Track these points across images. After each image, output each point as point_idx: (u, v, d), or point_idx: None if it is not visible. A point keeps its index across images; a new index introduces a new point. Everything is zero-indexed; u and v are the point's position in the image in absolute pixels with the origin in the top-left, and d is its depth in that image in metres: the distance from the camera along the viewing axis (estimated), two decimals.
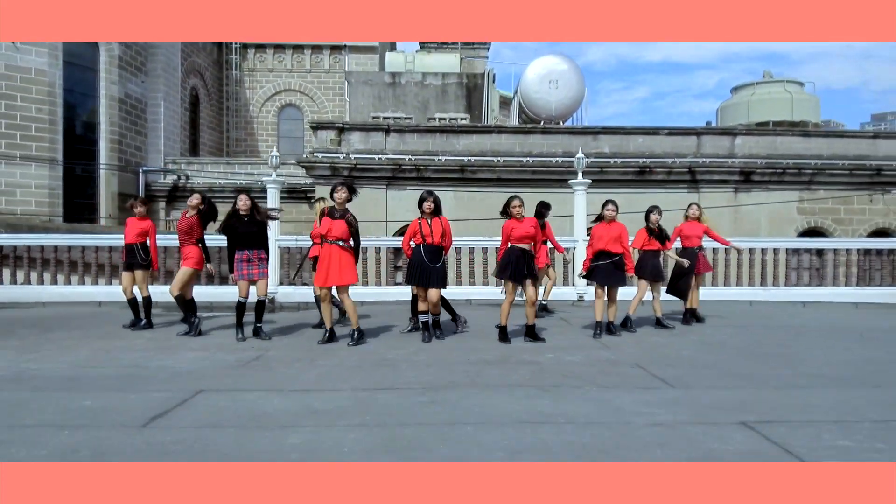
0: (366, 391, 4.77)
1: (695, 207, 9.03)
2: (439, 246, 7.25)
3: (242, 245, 7.29)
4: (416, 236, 7.29)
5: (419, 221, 7.34)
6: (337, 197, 6.85)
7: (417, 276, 7.22)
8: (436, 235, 7.21)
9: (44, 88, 23.70)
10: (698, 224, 8.88)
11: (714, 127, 23.85)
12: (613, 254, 7.53)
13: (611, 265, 7.53)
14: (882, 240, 15.10)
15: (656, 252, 8.37)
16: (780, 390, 4.92)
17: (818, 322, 9.52)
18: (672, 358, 6.29)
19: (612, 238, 7.53)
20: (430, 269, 7.17)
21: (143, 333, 7.90)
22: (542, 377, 5.25)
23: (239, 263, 7.29)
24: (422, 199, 7.38)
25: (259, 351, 6.55)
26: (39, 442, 3.56)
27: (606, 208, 7.76)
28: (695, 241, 8.77)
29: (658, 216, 8.34)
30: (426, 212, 7.30)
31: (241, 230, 7.28)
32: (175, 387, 4.92)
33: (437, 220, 7.31)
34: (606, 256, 7.54)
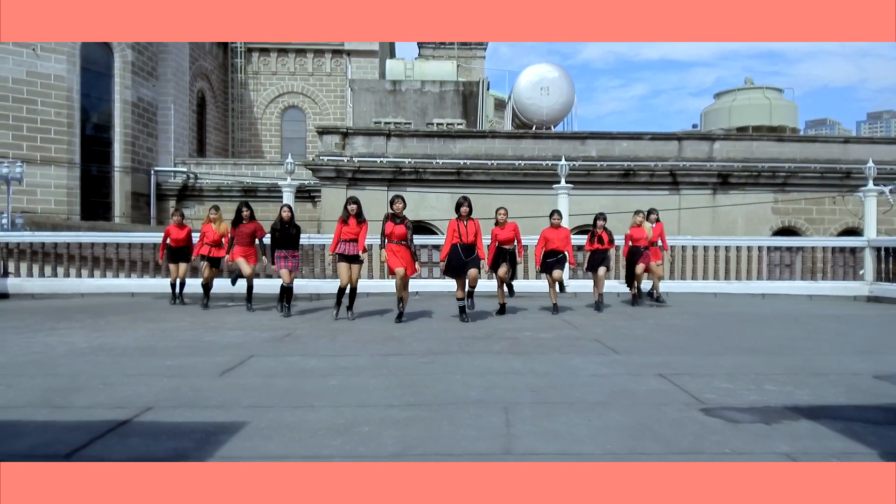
0: (380, 356, 6.18)
1: (640, 216, 10.95)
2: (473, 244, 8.64)
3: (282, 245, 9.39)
4: (455, 236, 8.68)
5: (457, 223, 8.71)
6: (396, 208, 8.54)
7: (458, 270, 8.64)
8: (470, 235, 8.62)
9: (62, 93, 25.07)
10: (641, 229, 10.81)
11: (694, 132, 25.26)
12: (560, 252, 9.64)
13: (560, 259, 9.64)
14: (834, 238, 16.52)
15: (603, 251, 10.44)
16: (702, 357, 6.33)
17: (767, 311, 10.93)
18: (627, 335, 7.71)
19: (559, 239, 9.62)
20: (466, 261, 8.58)
21: (184, 317, 9.30)
22: (518, 347, 6.67)
23: (278, 259, 9.41)
24: (459, 204, 8.80)
25: (288, 330, 7.96)
26: (151, 384, 4.95)
27: (554, 217, 9.83)
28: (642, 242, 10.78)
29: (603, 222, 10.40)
30: (463, 215, 8.69)
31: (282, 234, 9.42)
32: (231, 353, 6.32)
33: (471, 222, 8.71)
34: (557, 254, 9.65)
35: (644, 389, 4.82)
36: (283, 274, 9.42)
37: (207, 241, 10.55)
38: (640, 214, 10.94)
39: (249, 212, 9.82)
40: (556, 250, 9.67)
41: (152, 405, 4.29)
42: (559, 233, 9.74)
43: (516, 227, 9.34)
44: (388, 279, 13.47)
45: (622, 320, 9.17)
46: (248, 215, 9.76)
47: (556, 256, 9.67)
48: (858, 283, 13.80)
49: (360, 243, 8.81)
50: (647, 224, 10.72)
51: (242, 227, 9.70)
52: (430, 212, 20.89)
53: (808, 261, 14.24)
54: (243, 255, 9.72)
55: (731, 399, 4.52)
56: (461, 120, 24.32)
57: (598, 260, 10.32)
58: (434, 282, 13.09)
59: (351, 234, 8.76)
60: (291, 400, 4.45)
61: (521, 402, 4.36)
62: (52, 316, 9.43)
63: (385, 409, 4.22)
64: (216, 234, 10.51)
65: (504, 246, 9.30)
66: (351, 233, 8.76)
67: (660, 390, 4.80)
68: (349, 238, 8.76)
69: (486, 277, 9.56)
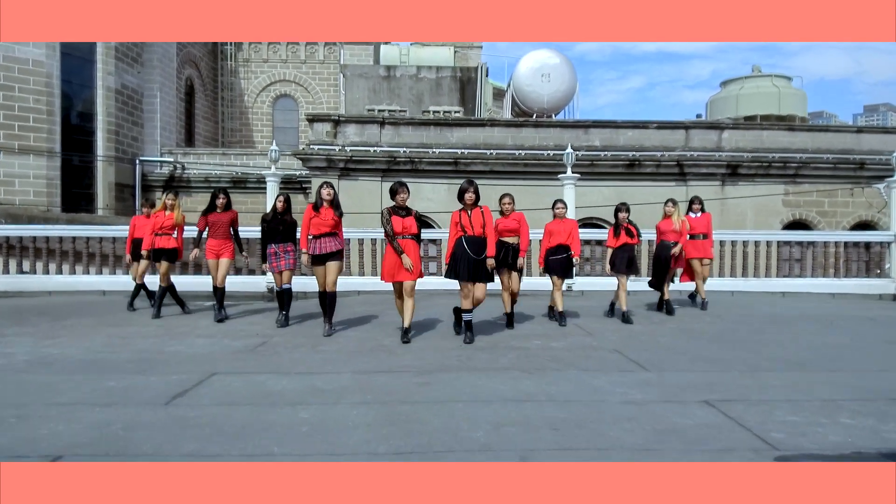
0: (365, 374, 5.22)
1: (670, 206, 9.45)
2: (482, 237, 6.83)
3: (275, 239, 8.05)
4: (457, 229, 6.97)
5: (459, 213, 6.99)
6: (401, 199, 6.93)
7: (463, 269, 6.78)
8: (476, 226, 6.80)
9: (41, 79, 23.92)
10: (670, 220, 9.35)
11: (702, 121, 24.30)
12: (566, 247, 8.19)
13: (564, 259, 8.20)
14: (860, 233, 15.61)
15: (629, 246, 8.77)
16: (744, 373, 5.39)
17: (793, 312, 10.00)
18: (649, 344, 6.76)
19: (566, 233, 8.19)
20: (474, 261, 6.77)
21: (152, 321, 8.31)
22: (527, 361, 5.71)
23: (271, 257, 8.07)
24: (462, 190, 6.99)
25: (263, 338, 6.99)
26: (75, 417, 3.98)
27: (557, 206, 8.42)
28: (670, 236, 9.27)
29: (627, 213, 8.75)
30: (468, 203, 6.91)
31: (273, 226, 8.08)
32: (190, 369, 5.35)
33: (477, 211, 6.89)
34: (562, 250, 8.19)
35: (693, 425, 3.87)
36: (276, 279, 8.08)
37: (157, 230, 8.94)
38: (671, 204, 9.43)
39: (226, 199, 8.47)
40: (561, 246, 8.18)
41: (63, 452, 3.32)
42: (563, 225, 8.29)
43: (522, 219, 7.69)
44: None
45: (639, 324, 8.21)
46: (223, 203, 8.40)
47: (560, 254, 8.18)
48: (884, 281, 12.89)
49: (339, 237, 7.32)
50: (675, 216, 9.43)
51: (216, 217, 8.35)
52: (426, 204, 19.86)
53: (829, 257, 13.30)
54: (218, 249, 8.37)
55: (807, 440, 3.57)
56: (458, 107, 23.27)
57: (626, 258, 8.58)
58: (430, 279, 12.09)
59: (325, 226, 7.16)
60: (246, 443, 3.49)
61: (540, 449, 3.41)
62: (5, 319, 8.44)
63: (366, 458, 3.26)
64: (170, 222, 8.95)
65: (505, 239, 7.60)
66: (325, 224, 7.16)
67: (713, 426, 3.85)
68: (323, 232, 7.15)
69: None
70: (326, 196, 7.25)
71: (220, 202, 8.44)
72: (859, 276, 13.14)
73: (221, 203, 8.44)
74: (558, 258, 8.22)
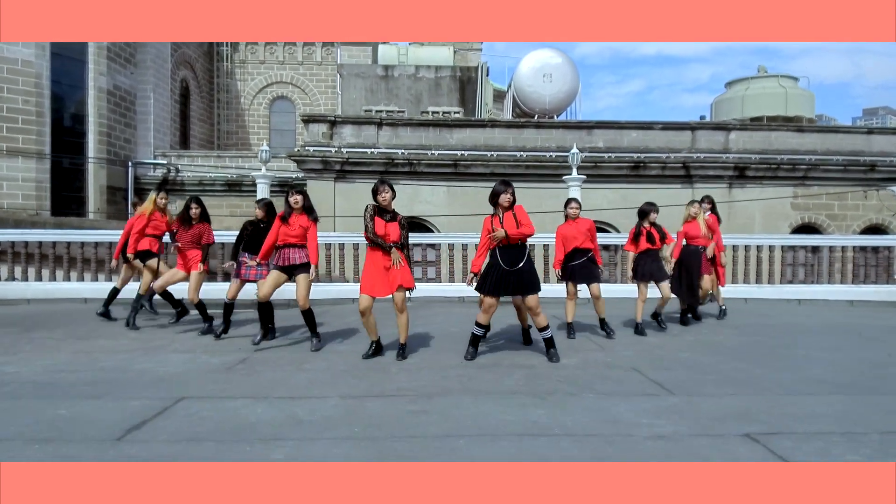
0: (354, 398, 4.59)
1: (696, 206, 8.73)
2: (520, 245, 5.93)
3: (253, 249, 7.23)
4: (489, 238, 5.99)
5: (491, 219, 6.01)
6: (383, 198, 6.03)
7: (495, 283, 5.87)
8: (510, 232, 5.83)
9: (30, 80, 23.33)
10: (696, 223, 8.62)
11: (708, 122, 23.70)
12: (587, 250, 7.41)
13: (586, 262, 7.41)
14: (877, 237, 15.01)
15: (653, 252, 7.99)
16: (783, 397, 4.77)
17: (814, 321, 9.39)
18: (669, 360, 6.14)
19: (582, 234, 7.38)
20: (508, 273, 5.85)
21: (129, 332, 7.69)
22: (536, 383, 5.08)
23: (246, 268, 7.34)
24: (497, 192, 5.95)
25: (245, 353, 6.36)
26: (4, 457, 3.36)
27: (570, 206, 7.58)
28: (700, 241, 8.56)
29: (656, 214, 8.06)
30: (504, 205, 5.92)
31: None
32: (156, 394, 4.72)
33: (509, 215, 5.91)
34: (581, 255, 7.40)
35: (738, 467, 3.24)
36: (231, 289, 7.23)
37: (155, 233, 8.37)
38: (696, 205, 8.65)
39: (199, 209, 7.73)
40: (580, 249, 7.36)
41: None
42: (579, 225, 7.41)
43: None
44: None
45: (654, 337, 7.59)
46: (197, 213, 7.71)
47: (580, 259, 7.36)
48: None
49: (311, 252, 6.49)
50: (702, 218, 8.72)
51: (191, 229, 7.69)
52: (425, 207, 19.28)
53: (847, 262, 12.68)
54: (185, 262, 7.66)
55: None
56: (458, 108, 22.69)
57: (651, 266, 7.77)
58: (428, 286, 11.47)
59: (292, 236, 6.45)
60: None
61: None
62: None
63: None
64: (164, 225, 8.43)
65: None
66: (291, 235, 6.45)
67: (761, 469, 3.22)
68: (289, 242, 6.46)
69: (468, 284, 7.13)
70: (294, 203, 6.52)
71: (195, 211, 7.70)
72: (878, 283, 12.53)
73: (196, 213, 7.71)
74: (578, 262, 7.40)
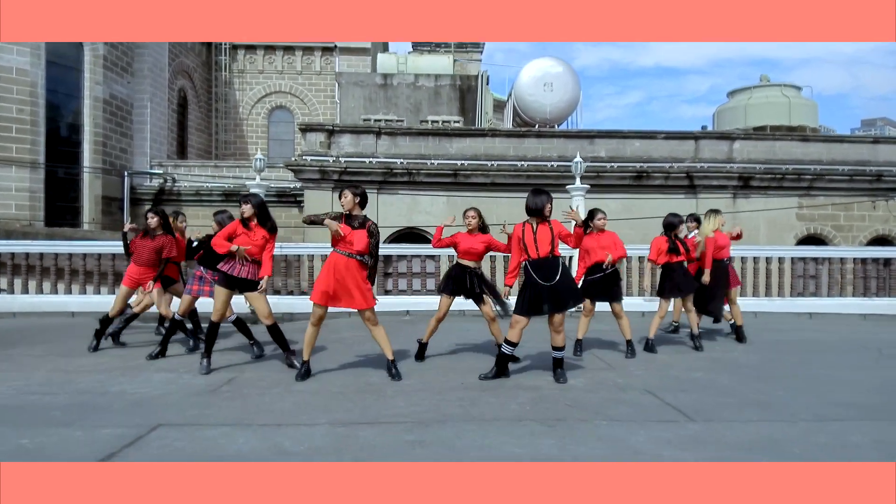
0: (345, 426, 4.20)
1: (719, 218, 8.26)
2: (550, 259, 5.47)
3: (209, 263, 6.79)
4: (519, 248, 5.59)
5: (522, 226, 5.61)
6: (346, 202, 5.53)
7: (530, 302, 5.46)
8: (544, 245, 5.46)
9: (25, 89, 23.02)
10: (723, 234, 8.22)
11: (712, 131, 23.44)
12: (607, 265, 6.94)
13: (606, 278, 6.95)
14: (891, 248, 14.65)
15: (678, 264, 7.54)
16: (811, 423, 4.39)
17: (829, 336, 9.01)
18: (684, 381, 5.76)
19: (601, 248, 6.91)
20: (546, 290, 5.40)
21: (111, 350, 7.30)
22: (543, 407, 4.70)
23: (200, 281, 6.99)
24: (543, 204, 5.54)
25: (232, 373, 5.97)
26: None
27: (597, 217, 7.07)
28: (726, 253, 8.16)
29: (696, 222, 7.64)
30: (546, 215, 5.56)
31: None
32: (130, 420, 4.34)
33: (544, 227, 5.54)
34: (601, 269, 6.94)
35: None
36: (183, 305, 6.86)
37: None
38: (721, 215, 8.06)
39: (157, 219, 7.01)
40: (600, 264, 6.88)
41: None
42: (603, 238, 6.93)
43: (491, 241, 6.47)
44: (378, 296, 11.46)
45: (665, 354, 7.21)
46: (156, 223, 7.00)
47: (600, 273, 6.89)
48: None
49: (266, 265, 5.97)
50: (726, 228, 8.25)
51: (146, 242, 7.00)
52: (424, 217, 18.92)
53: (859, 274, 12.32)
54: (138, 276, 6.98)
55: None
56: (458, 117, 22.39)
57: (680, 279, 7.37)
58: (427, 298, 11.07)
59: (252, 247, 5.88)
60: None
61: None
62: None
63: None
64: None
65: (466, 263, 6.42)
66: (252, 244, 5.88)
67: None
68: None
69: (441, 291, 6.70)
70: (242, 213, 5.94)
71: (154, 221, 7.02)
72: (892, 296, 12.16)
73: (155, 223, 7.02)
74: (598, 277, 6.94)
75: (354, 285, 5.43)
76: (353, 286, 5.43)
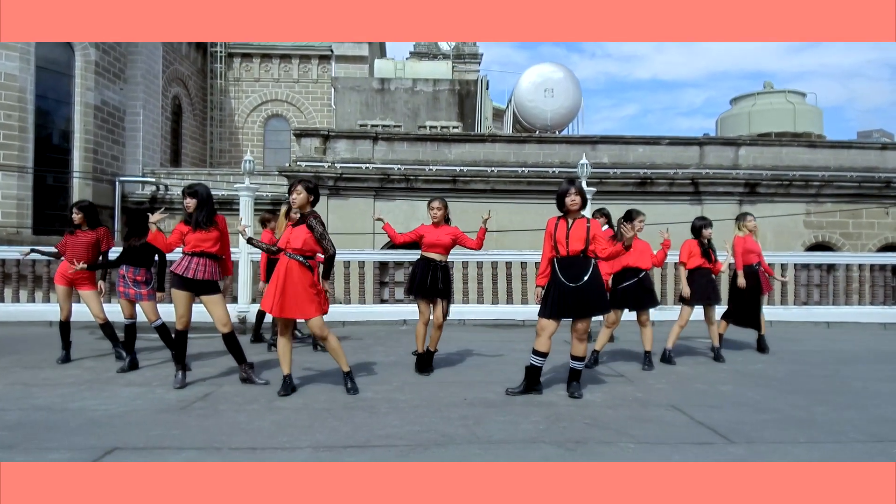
0: (330, 450, 3.62)
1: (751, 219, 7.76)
2: (580, 256, 4.94)
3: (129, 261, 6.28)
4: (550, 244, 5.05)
5: (557, 221, 5.12)
6: (295, 200, 5.10)
7: (554, 303, 4.95)
8: (574, 242, 4.94)
9: (14, 94, 22.50)
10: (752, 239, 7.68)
11: (717, 137, 22.98)
12: (640, 270, 6.38)
13: (638, 284, 6.38)
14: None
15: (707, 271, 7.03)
16: (865, 444, 3.82)
17: (853, 346, 8.46)
18: (711, 396, 5.18)
19: (638, 252, 6.32)
20: (570, 290, 4.90)
21: (83, 362, 6.70)
22: (560, 427, 4.12)
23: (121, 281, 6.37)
24: (563, 192, 5.03)
25: (209, 387, 5.38)
26: None
27: (638, 219, 6.34)
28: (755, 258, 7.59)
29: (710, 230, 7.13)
30: (571, 209, 5.04)
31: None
32: (84, 442, 3.76)
33: (580, 224, 5.02)
34: (632, 275, 6.38)
35: None
36: (122, 306, 6.24)
37: None
38: (752, 218, 7.67)
39: (81, 215, 6.48)
40: (630, 269, 6.36)
41: None
42: (637, 243, 6.24)
43: (458, 234, 6.09)
44: (369, 305, 10.90)
45: (684, 366, 6.64)
46: (80, 219, 6.48)
47: (631, 280, 6.36)
48: None
49: (229, 263, 5.56)
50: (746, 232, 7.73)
51: (76, 237, 6.49)
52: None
53: (878, 281, 11.78)
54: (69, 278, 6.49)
55: None
56: (457, 123, 21.88)
57: (707, 286, 6.88)
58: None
59: (207, 240, 5.30)
60: None
61: None
62: None
63: None
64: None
65: (431, 256, 6.07)
66: (207, 239, 5.30)
67: None
68: (200, 250, 5.28)
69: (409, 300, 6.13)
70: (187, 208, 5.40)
71: (78, 217, 6.50)
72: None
73: (79, 218, 6.49)
74: (628, 284, 6.38)
75: (294, 291, 4.89)
76: (292, 292, 4.89)
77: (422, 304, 6.00)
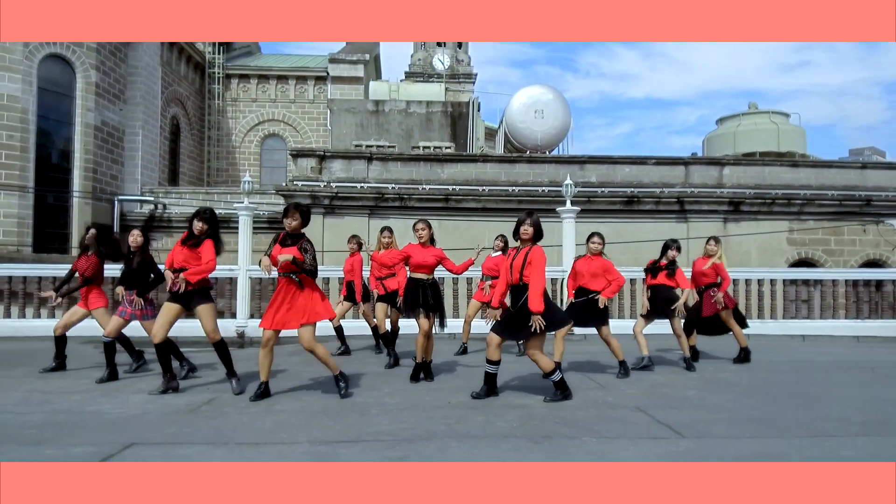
0: (326, 444, 4.07)
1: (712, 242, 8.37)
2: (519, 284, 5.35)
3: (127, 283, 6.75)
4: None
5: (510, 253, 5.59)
6: (290, 223, 5.48)
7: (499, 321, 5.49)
8: (515, 272, 5.36)
9: (16, 115, 23.03)
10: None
11: (702, 157, 23.60)
12: (591, 291, 6.89)
13: (586, 303, 6.88)
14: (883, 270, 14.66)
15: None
16: (804, 439, 4.29)
17: (822, 357, 8.94)
18: (675, 399, 5.65)
19: (590, 274, 6.89)
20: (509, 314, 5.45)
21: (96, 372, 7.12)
22: (532, 425, 4.58)
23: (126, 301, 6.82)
24: (520, 222, 5.47)
25: (214, 392, 5.83)
26: None
27: (592, 241, 7.04)
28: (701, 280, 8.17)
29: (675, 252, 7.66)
30: (524, 238, 5.44)
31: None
32: (103, 438, 4.20)
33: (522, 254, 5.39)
34: (583, 294, 6.94)
35: None
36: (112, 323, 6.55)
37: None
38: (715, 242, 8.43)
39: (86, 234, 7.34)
40: (583, 289, 6.94)
41: None
42: (591, 264, 6.91)
43: (441, 256, 6.60)
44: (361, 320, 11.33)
45: (658, 374, 7.11)
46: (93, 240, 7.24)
47: (581, 298, 6.93)
48: None
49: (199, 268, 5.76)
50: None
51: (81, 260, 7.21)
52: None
53: (850, 297, 12.30)
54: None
55: None
56: (449, 143, 22.46)
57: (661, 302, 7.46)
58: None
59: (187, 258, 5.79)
60: None
61: None
62: None
63: None
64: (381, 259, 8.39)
65: (418, 276, 6.51)
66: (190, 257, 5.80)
67: None
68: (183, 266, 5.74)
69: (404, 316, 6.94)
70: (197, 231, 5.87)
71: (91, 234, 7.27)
72: (884, 318, 12.13)
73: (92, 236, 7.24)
74: (579, 302, 6.94)
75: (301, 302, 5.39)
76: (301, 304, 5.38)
77: (419, 319, 6.43)
